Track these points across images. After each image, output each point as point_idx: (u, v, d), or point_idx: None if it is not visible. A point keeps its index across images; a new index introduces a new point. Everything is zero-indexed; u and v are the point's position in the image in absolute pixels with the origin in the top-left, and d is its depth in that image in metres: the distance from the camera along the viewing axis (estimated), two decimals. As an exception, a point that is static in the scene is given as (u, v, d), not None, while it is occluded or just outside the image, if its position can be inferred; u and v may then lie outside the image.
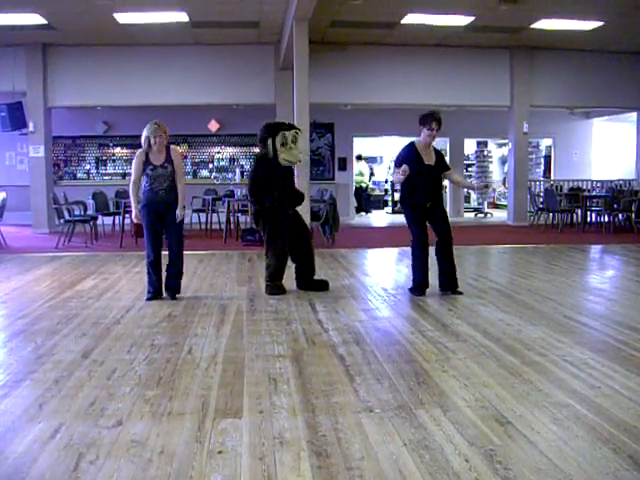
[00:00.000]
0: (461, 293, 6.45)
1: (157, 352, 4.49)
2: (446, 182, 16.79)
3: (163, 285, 6.39)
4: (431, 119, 6.23)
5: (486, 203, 18.52)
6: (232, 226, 12.38)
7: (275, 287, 6.64)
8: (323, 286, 6.84)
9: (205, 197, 13.80)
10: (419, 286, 6.43)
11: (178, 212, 6.24)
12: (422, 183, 6.29)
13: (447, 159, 6.87)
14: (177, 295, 6.41)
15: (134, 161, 6.26)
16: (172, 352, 4.48)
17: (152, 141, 6.05)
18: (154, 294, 6.31)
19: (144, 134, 6.09)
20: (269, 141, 6.44)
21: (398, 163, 6.37)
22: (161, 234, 6.35)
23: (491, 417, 3.24)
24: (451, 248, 6.44)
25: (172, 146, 6.36)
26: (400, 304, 6.14)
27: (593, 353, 4.35)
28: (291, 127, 6.69)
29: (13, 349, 4.63)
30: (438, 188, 6.50)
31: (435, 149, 6.49)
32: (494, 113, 15.68)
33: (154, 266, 6.28)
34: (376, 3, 10.57)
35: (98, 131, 15.99)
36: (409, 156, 6.31)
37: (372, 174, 20.02)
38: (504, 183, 18.79)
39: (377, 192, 20.41)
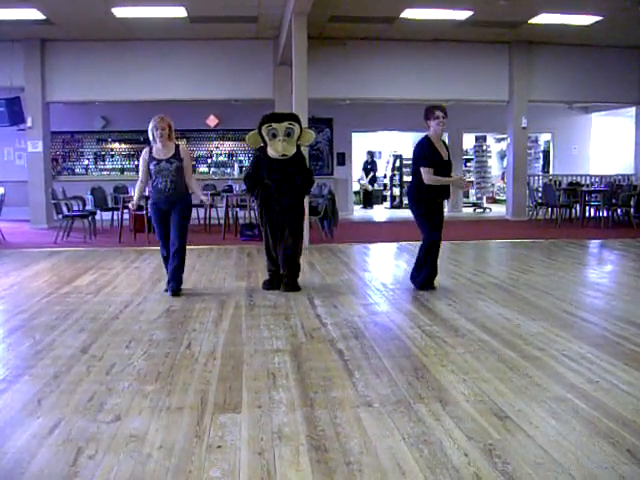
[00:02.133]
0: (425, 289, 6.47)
1: (156, 347, 4.49)
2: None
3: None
4: (435, 108, 6.17)
5: (485, 198, 18.51)
6: (231, 221, 12.37)
7: (265, 281, 6.71)
8: (294, 286, 6.56)
9: (204, 192, 13.76)
10: (431, 278, 6.45)
11: (202, 198, 6.56)
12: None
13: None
14: (179, 292, 6.31)
15: (140, 161, 6.34)
16: (171, 347, 4.47)
17: (155, 133, 6.03)
18: None
19: (149, 127, 6.10)
20: (261, 132, 6.41)
21: (428, 163, 6.05)
22: (169, 231, 6.34)
23: (490, 411, 3.24)
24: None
25: (181, 144, 6.33)
26: (399, 299, 6.14)
27: (592, 347, 4.36)
28: (284, 118, 6.49)
29: (12, 344, 4.63)
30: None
31: (444, 142, 6.41)
32: (493, 108, 15.65)
33: (167, 261, 6.39)
34: (375, -2, 10.55)
35: (96, 126, 15.96)
36: (431, 150, 6.13)
37: (370, 169, 19.84)
38: (503, 178, 18.79)
39: (375, 187, 20.35)
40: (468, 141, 18.88)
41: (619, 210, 13.44)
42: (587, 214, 13.94)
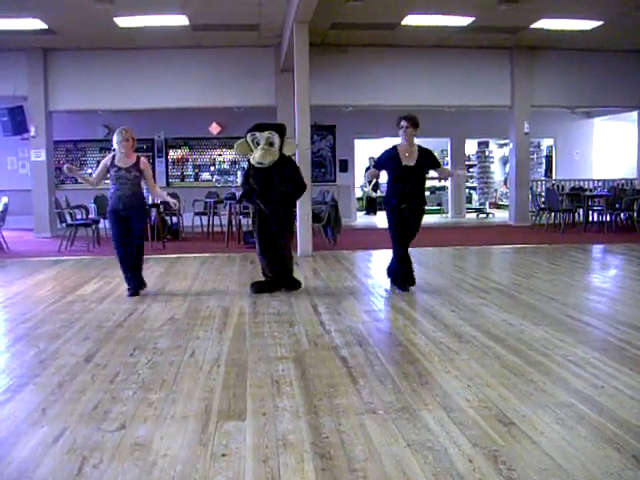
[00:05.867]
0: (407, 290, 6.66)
1: (160, 355, 4.49)
2: (448, 183, 16.92)
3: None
4: (401, 118, 6.51)
5: (487, 203, 18.51)
6: (234, 228, 12.38)
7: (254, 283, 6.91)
8: (293, 285, 6.85)
9: (207, 200, 13.82)
10: (396, 280, 6.77)
11: (170, 201, 7.05)
12: (399, 185, 6.43)
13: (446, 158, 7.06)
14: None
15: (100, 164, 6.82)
16: (175, 355, 4.48)
17: (119, 145, 6.55)
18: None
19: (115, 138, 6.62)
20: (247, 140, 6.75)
21: (377, 165, 6.65)
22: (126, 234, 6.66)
23: (494, 418, 3.24)
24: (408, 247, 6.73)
25: (142, 157, 6.85)
26: (402, 305, 6.13)
27: (596, 353, 4.35)
28: (266, 128, 6.73)
29: (16, 353, 4.64)
30: (418, 190, 6.52)
31: (421, 148, 6.56)
32: (495, 113, 15.66)
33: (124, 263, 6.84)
34: (376, 4, 10.57)
35: (99, 135, 15.99)
36: (387, 157, 6.52)
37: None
38: (505, 183, 18.78)
39: (378, 193, 20.35)
40: (470, 147, 18.88)
41: (622, 214, 13.42)
42: (590, 219, 13.93)
